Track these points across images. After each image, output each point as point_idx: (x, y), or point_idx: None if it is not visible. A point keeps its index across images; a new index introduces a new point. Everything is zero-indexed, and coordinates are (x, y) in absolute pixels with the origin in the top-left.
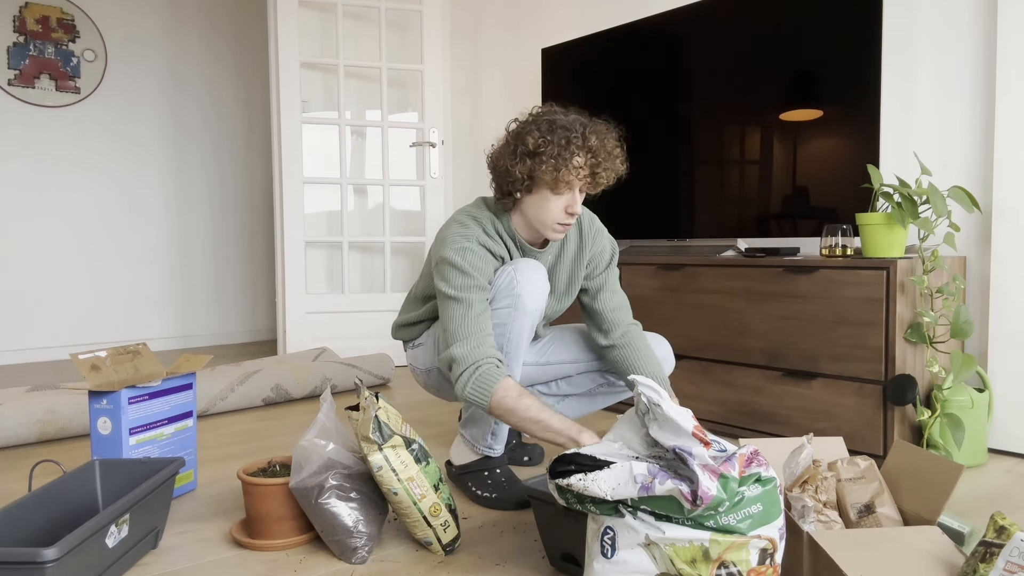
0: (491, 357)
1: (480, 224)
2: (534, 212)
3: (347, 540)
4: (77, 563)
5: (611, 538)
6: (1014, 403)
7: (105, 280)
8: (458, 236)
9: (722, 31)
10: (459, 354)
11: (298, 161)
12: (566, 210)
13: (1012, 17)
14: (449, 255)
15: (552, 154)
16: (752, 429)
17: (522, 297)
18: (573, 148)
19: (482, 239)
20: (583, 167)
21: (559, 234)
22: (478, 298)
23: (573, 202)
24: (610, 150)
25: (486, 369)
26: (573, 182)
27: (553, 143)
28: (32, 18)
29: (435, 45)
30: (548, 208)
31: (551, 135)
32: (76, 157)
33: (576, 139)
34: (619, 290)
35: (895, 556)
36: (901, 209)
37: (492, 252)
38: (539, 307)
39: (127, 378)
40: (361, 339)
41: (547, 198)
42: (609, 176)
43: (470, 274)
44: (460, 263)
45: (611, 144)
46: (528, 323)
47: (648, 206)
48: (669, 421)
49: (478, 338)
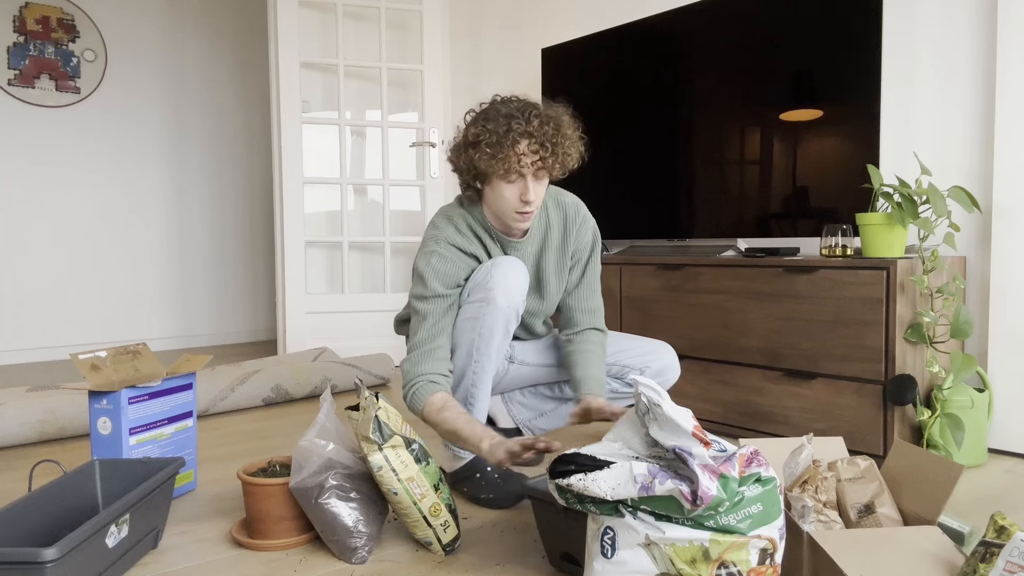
0: (427, 374)
1: (452, 223)
2: (493, 203)
3: (347, 540)
4: (77, 563)
5: (611, 538)
6: (1014, 403)
7: (105, 280)
8: (429, 240)
9: (722, 31)
10: (405, 369)
11: (298, 161)
12: (520, 198)
13: (1012, 17)
14: (417, 262)
15: (492, 142)
16: (752, 429)
17: (494, 291)
18: (513, 135)
19: (453, 239)
20: (526, 153)
21: (521, 223)
22: (433, 308)
23: (526, 190)
24: (560, 130)
25: (419, 387)
26: (522, 169)
27: (493, 131)
28: (32, 18)
29: (435, 45)
30: (503, 197)
31: (492, 123)
32: (76, 157)
33: (518, 125)
34: (597, 291)
35: (895, 556)
36: (901, 209)
37: (464, 251)
38: (511, 304)
39: (127, 378)
40: (361, 339)
41: (500, 188)
42: (565, 158)
43: (428, 283)
44: (423, 270)
45: (562, 124)
46: (500, 319)
47: (648, 206)
48: (669, 421)
49: (423, 352)
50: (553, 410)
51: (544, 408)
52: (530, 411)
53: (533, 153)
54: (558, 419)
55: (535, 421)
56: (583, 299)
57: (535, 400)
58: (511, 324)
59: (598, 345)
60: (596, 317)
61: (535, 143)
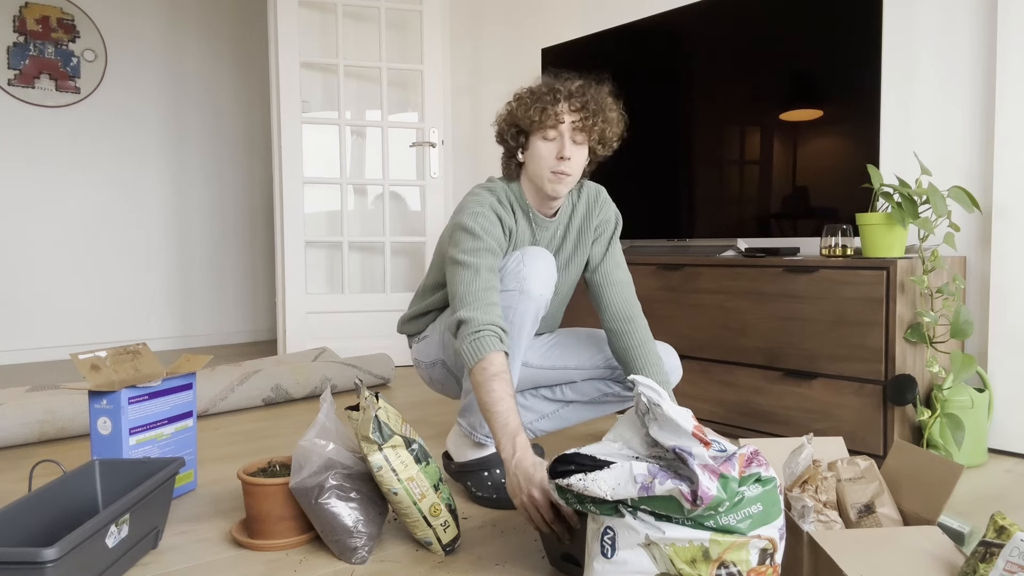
0: (496, 326)
1: (494, 193)
2: (533, 166)
3: (347, 540)
4: (77, 563)
5: (611, 538)
6: (1014, 403)
7: (105, 280)
8: (471, 203)
9: (722, 31)
10: (468, 316)
11: (298, 161)
12: (557, 155)
13: (1012, 17)
14: (462, 220)
15: (535, 100)
16: (752, 429)
17: (527, 281)
18: (557, 95)
19: (495, 206)
20: (565, 111)
21: (556, 185)
22: (487, 263)
23: (563, 147)
24: (600, 99)
25: (486, 336)
26: (560, 126)
27: (537, 93)
28: (32, 18)
29: (435, 45)
30: (540, 156)
31: (537, 88)
32: (76, 157)
33: (561, 86)
34: (623, 264)
35: (895, 556)
36: (901, 209)
37: (502, 220)
38: (544, 293)
39: (127, 378)
40: (361, 339)
41: (538, 146)
42: (605, 127)
43: (480, 237)
44: (472, 226)
45: (601, 95)
46: (532, 308)
47: (648, 206)
48: (669, 421)
49: (486, 304)
50: (554, 413)
51: (545, 411)
52: (531, 413)
53: (573, 112)
54: (559, 421)
55: (537, 424)
56: (609, 272)
57: (536, 402)
58: (540, 313)
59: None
60: (625, 288)
61: (576, 102)
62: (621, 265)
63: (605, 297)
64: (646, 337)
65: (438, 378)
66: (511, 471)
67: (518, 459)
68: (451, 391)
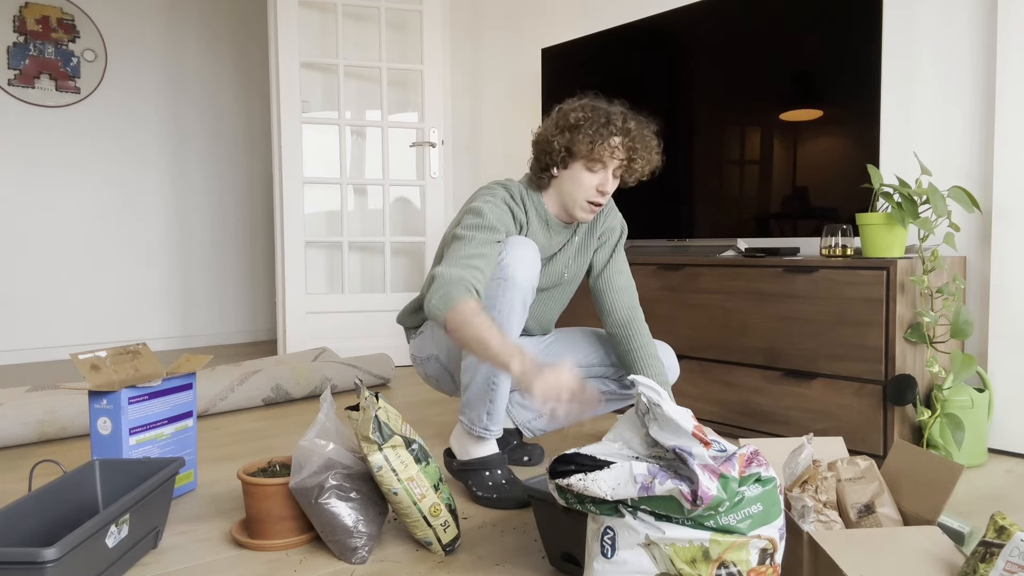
0: (467, 281)
1: (508, 190)
2: (568, 188)
3: (347, 540)
4: (77, 563)
5: (611, 538)
6: (1014, 403)
7: (105, 280)
8: (484, 193)
9: (722, 31)
10: (440, 271)
11: (298, 161)
12: (598, 188)
13: (1012, 17)
14: (472, 204)
15: (591, 129)
16: (752, 429)
17: (510, 268)
18: (612, 128)
19: (507, 200)
20: (619, 147)
21: (587, 214)
22: (482, 237)
23: (605, 181)
24: (647, 140)
25: (454, 289)
26: (608, 160)
27: (594, 120)
28: (32, 18)
29: (435, 45)
30: (581, 184)
31: (593, 113)
32: (76, 157)
33: (616, 120)
34: (626, 271)
35: (895, 556)
36: (901, 209)
37: (514, 213)
38: (529, 279)
39: (127, 378)
40: (361, 339)
41: (581, 173)
42: (644, 166)
43: (484, 216)
44: (479, 207)
45: (648, 135)
46: (519, 296)
47: (648, 206)
48: (669, 421)
49: (464, 265)
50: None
51: (542, 409)
52: (529, 412)
53: (624, 150)
54: (556, 420)
55: (534, 423)
56: (612, 279)
57: (534, 401)
58: (528, 300)
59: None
60: (627, 296)
61: (629, 143)
62: (624, 272)
63: (607, 303)
64: (647, 340)
65: (432, 374)
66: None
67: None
68: (446, 387)
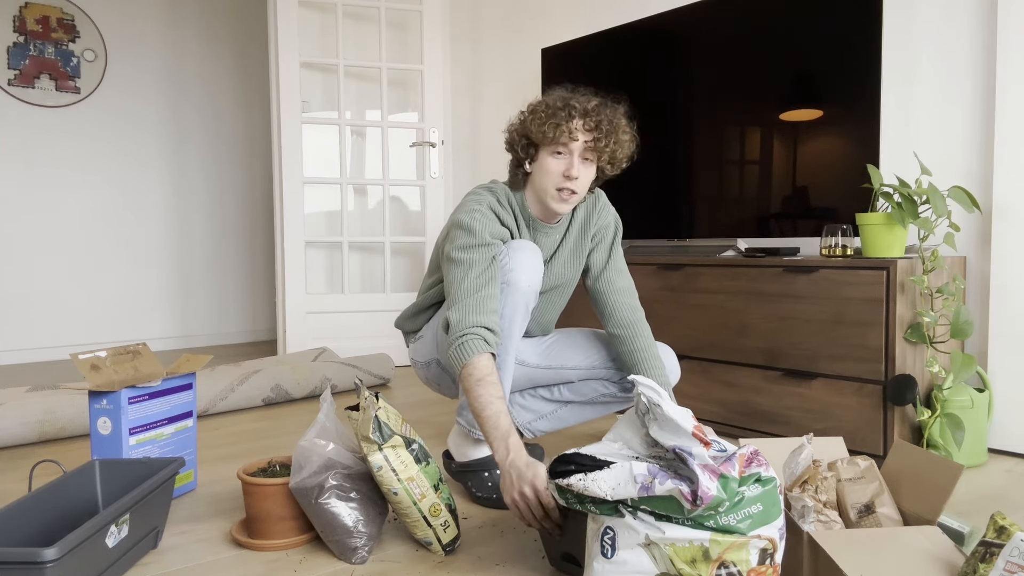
0: (481, 327)
1: (494, 194)
2: (539, 179)
3: (347, 540)
4: (77, 563)
5: (611, 538)
6: (1014, 403)
7: (105, 280)
8: (470, 202)
9: (722, 31)
10: (454, 319)
11: (298, 161)
12: (564, 173)
13: (1012, 17)
14: (459, 217)
15: (549, 114)
16: (752, 429)
17: (514, 273)
18: (571, 111)
19: (493, 205)
20: (579, 129)
21: (560, 203)
22: (480, 257)
23: (571, 165)
24: (613, 121)
25: (470, 339)
26: (569, 143)
27: (551, 106)
28: (32, 18)
29: (435, 45)
30: (548, 171)
31: (552, 100)
32: (76, 157)
33: (575, 103)
34: (624, 271)
35: (895, 556)
36: (901, 209)
37: (501, 219)
38: (532, 283)
39: (127, 378)
40: (361, 339)
41: (546, 162)
42: (616, 148)
43: (475, 232)
44: (467, 222)
45: (615, 116)
46: (521, 300)
47: (648, 206)
48: (669, 421)
49: (475, 301)
50: (552, 413)
51: (543, 411)
52: (530, 413)
53: (586, 131)
54: (557, 422)
55: (535, 424)
56: (612, 280)
57: (534, 402)
58: (531, 304)
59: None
60: (628, 296)
61: (590, 122)
62: (623, 272)
63: (608, 305)
64: (648, 342)
65: (433, 377)
66: (505, 470)
67: (511, 460)
68: (447, 390)
